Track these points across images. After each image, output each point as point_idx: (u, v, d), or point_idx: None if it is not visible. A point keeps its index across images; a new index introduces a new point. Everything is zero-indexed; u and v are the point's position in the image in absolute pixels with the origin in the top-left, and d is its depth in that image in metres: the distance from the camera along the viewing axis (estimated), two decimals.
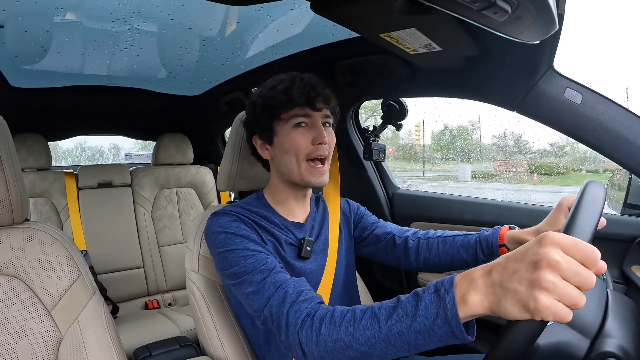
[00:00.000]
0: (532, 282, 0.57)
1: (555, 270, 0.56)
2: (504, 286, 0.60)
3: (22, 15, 1.43)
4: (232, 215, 1.13)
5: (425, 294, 0.70)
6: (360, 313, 0.79)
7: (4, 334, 0.94)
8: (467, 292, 0.64)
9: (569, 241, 0.57)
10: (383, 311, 0.75)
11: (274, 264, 1.02)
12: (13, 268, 0.97)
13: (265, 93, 1.15)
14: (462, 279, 0.67)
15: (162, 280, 2.65)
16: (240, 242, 1.06)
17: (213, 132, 3.03)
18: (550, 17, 0.84)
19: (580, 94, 1.19)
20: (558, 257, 0.56)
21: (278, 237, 1.16)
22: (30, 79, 2.21)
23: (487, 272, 0.64)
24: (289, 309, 0.90)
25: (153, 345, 1.54)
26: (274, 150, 1.17)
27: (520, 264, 0.60)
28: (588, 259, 0.56)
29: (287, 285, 0.95)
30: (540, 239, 0.59)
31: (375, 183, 1.92)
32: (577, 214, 0.71)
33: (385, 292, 1.85)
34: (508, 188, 5.76)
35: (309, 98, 1.10)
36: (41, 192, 2.47)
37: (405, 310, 0.71)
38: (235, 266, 1.04)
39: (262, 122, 1.16)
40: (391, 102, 1.73)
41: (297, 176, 1.14)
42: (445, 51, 1.21)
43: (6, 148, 0.96)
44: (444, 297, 0.66)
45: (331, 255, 1.27)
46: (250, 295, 0.99)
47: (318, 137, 1.12)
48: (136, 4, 1.38)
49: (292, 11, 1.43)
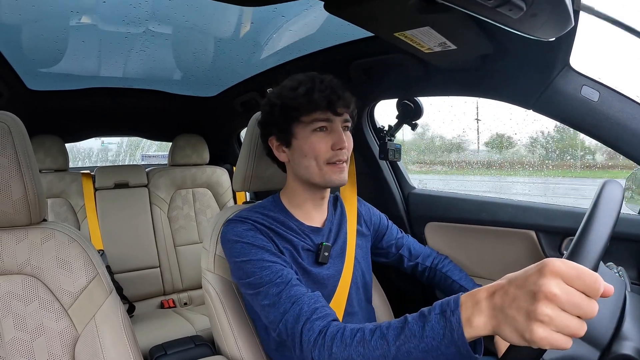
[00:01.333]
0: (528, 313, 0.56)
1: (553, 303, 0.55)
2: (504, 312, 0.60)
3: (38, 19, 1.44)
4: (248, 224, 1.12)
5: (431, 314, 0.72)
6: (370, 333, 0.81)
7: (21, 332, 0.95)
8: (472, 314, 0.65)
9: (571, 272, 0.56)
10: (391, 331, 0.77)
11: (290, 277, 1.02)
12: (31, 267, 0.98)
13: (284, 94, 1.13)
14: (467, 299, 0.67)
15: (178, 279, 2.67)
16: (256, 253, 1.07)
17: (228, 132, 3.04)
18: (565, 13, 0.83)
19: (597, 91, 1.17)
20: (556, 290, 0.55)
21: (295, 244, 1.16)
22: (46, 82, 2.23)
23: (491, 294, 0.64)
24: (303, 327, 0.92)
25: (168, 344, 1.56)
26: (291, 153, 1.16)
27: (520, 291, 0.59)
28: (590, 290, 0.55)
29: (302, 301, 0.96)
30: (542, 267, 0.57)
31: (391, 183, 1.91)
32: (585, 236, 0.69)
33: (401, 294, 1.84)
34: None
35: (330, 102, 1.09)
36: (59, 193, 2.51)
37: (412, 330, 0.73)
38: (252, 277, 1.04)
39: (280, 123, 1.14)
40: (406, 101, 1.72)
41: (318, 178, 1.13)
42: (460, 49, 1.19)
43: (24, 149, 0.97)
44: (450, 319, 0.67)
45: (348, 259, 1.27)
46: (265, 307, 1.01)
47: (338, 142, 1.11)
48: (150, 6, 1.39)
49: (306, 11, 1.43)
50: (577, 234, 0.71)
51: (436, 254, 1.53)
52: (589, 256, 0.65)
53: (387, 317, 1.50)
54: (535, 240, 1.45)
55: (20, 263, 0.98)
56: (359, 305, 1.28)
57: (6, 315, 0.95)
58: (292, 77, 1.17)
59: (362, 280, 1.31)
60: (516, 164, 5.00)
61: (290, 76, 1.18)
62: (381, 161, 1.89)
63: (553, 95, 1.22)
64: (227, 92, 2.61)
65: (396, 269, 1.54)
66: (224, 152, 3.15)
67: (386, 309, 1.51)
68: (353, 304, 1.26)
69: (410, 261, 1.47)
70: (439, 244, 1.71)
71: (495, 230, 1.55)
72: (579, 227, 0.72)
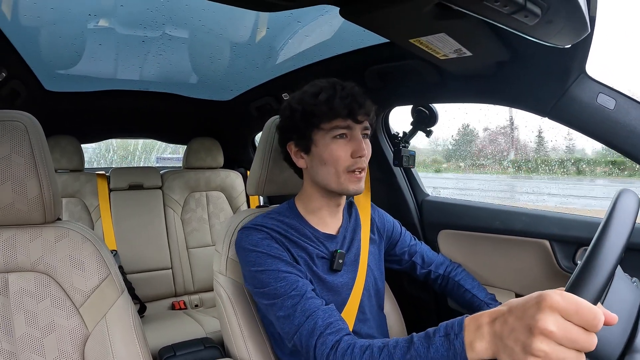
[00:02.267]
0: (525, 346, 0.57)
1: (549, 338, 0.55)
2: (503, 341, 0.61)
3: (56, 21, 1.47)
4: (263, 232, 1.13)
5: (436, 337, 0.74)
6: (378, 351, 0.84)
7: (32, 329, 0.96)
8: (474, 338, 0.66)
9: (569, 307, 0.55)
10: (398, 350, 0.80)
11: (305, 288, 1.03)
12: (44, 265, 1.00)
13: (306, 100, 1.12)
14: (470, 322, 0.69)
15: (190, 281, 2.68)
16: (271, 263, 1.07)
17: (243, 136, 3.06)
18: (581, 19, 0.82)
19: (613, 99, 1.16)
20: (552, 327, 0.54)
21: (310, 252, 1.16)
22: (64, 83, 2.26)
23: (492, 320, 0.65)
24: (317, 341, 0.94)
25: (178, 345, 1.56)
26: (310, 160, 1.15)
27: (518, 323, 0.59)
28: (589, 325, 0.54)
29: (317, 315, 0.98)
30: (540, 300, 0.57)
31: (405, 190, 1.90)
32: (609, 225, 0.68)
33: (413, 301, 1.83)
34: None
35: (351, 110, 1.08)
36: (73, 193, 2.54)
37: (418, 351, 0.76)
38: (267, 287, 1.05)
39: (300, 129, 1.13)
40: (421, 107, 1.72)
41: (336, 185, 1.13)
42: (475, 56, 1.19)
43: (40, 149, 0.99)
44: (454, 342, 0.69)
45: (362, 266, 1.26)
46: (280, 318, 1.02)
47: (358, 150, 1.10)
48: (167, 10, 1.40)
49: (322, 17, 1.44)
50: (584, 258, 0.69)
51: (449, 262, 1.52)
52: (591, 289, 0.63)
53: (398, 324, 1.49)
54: (549, 250, 1.43)
55: (33, 261, 0.99)
56: (370, 312, 1.27)
57: (18, 312, 0.97)
58: (313, 82, 1.16)
59: (375, 287, 1.31)
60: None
61: (312, 81, 1.17)
62: (395, 168, 1.89)
63: (569, 103, 1.21)
64: (243, 96, 2.63)
65: (408, 276, 1.53)
66: (238, 156, 3.16)
67: (397, 316, 1.51)
68: (365, 311, 1.25)
69: (423, 269, 1.47)
70: (452, 252, 1.70)
71: (509, 239, 1.54)
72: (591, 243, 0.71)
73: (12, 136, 0.95)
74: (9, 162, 0.94)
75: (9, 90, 1.89)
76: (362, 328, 1.23)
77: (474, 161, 6.01)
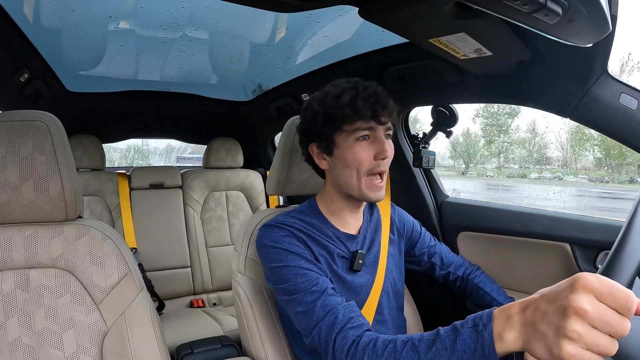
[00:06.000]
0: (558, 328, 0.55)
1: (582, 319, 0.53)
2: (534, 327, 0.59)
3: (77, 23, 1.50)
4: (285, 230, 1.13)
5: (463, 328, 0.72)
6: (401, 344, 0.81)
7: (52, 324, 0.98)
8: (504, 329, 0.64)
9: (603, 288, 0.54)
10: (423, 344, 0.78)
11: (325, 286, 1.02)
12: (65, 262, 1.01)
13: (327, 102, 1.10)
14: (500, 314, 0.67)
15: (209, 280, 2.70)
16: (292, 259, 1.07)
17: (263, 137, 3.07)
18: (602, 18, 0.81)
19: (635, 99, 1.13)
20: (587, 306, 0.53)
21: (331, 251, 1.16)
22: (85, 84, 2.30)
23: (523, 309, 0.63)
24: (337, 335, 0.92)
25: (195, 342, 1.57)
26: (332, 162, 1.14)
27: (551, 306, 0.58)
28: (622, 308, 0.53)
29: (337, 310, 0.96)
30: (573, 281, 0.56)
31: (424, 191, 1.89)
32: (620, 251, 0.67)
33: (432, 303, 1.81)
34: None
35: (374, 111, 1.06)
36: (95, 191, 2.57)
37: (444, 343, 0.74)
38: (286, 283, 1.05)
39: (323, 132, 1.11)
40: (441, 108, 1.70)
41: (356, 190, 1.12)
42: (495, 56, 1.17)
43: (62, 148, 1.00)
44: (482, 333, 0.67)
45: (381, 267, 1.26)
46: (299, 314, 1.01)
47: (381, 152, 1.08)
48: (187, 12, 1.42)
49: (341, 17, 1.44)
50: (612, 248, 0.69)
51: (468, 264, 1.50)
52: (624, 272, 0.62)
53: (416, 326, 1.48)
54: (569, 253, 1.41)
55: (54, 257, 1.01)
56: (389, 313, 1.27)
57: (38, 307, 0.99)
58: (334, 82, 1.14)
59: (394, 288, 1.30)
60: None
61: (332, 81, 1.15)
62: (415, 169, 1.87)
63: (590, 103, 1.18)
64: (262, 96, 2.64)
65: (427, 278, 1.52)
66: (258, 156, 3.18)
67: (415, 318, 1.49)
68: (383, 312, 1.24)
69: (442, 270, 1.45)
70: (471, 254, 1.68)
71: (529, 242, 1.51)
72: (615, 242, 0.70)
73: (34, 136, 0.97)
74: (31, 160, 0.96)
75: (31, 90, 1.93)
76: (380, 329, 1.22)
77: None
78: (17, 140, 0.96)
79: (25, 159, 0.96)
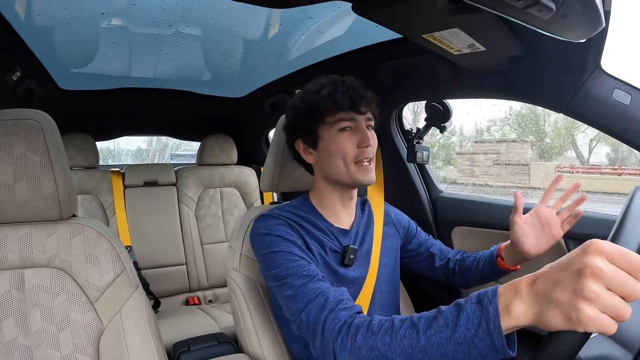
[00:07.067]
0: (575, 291, 0.55)
1: (599, 279, 0.54)
2: (547, 296, 0.59)
3: (69, 21, 1.49)
4: (280, 219, 1.14)
5: (467, 304, 0.69)
6: (399, 322, 0.77)
7: (48, 323, 0.98)
8: (512, 302, 0.63)
9: (614, 250, 0.55)
10: (422, 321, 0.74)
11: (316, 272, 1.02)
12: (59, 261, 1.01)
13: (308, 97, 1.15)
14: (506, 289, 0.65)
15: (204, 277, 2.70)
16: (285, 245, 1.08)
17: (257, 133, 3.07)
18: (596, 14, 0.81)
19: (629, 94, 1.14)
20: (602, 265, 0.54)
21: (324, 244, 1.17)
22: (78, 82, 2.29)
23: (532, 282, 0.62)
24: (328, 316, 0.89)
25: (192, 340, 1.57)
26: (319, 155, 1.18)
27: (563, 273, 0.58)
28: (634, 269, 0.54)
29: (328, 292, 0.95)
30: (586, 246, 0.57)
31: (419, 186, 1.89)
32: (625, 221, 0.68)
33: (427, 298, 1.82)
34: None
35: (353, 102, 1.10)
36: (89, 190, 2.56)
37: (446, 320, 0.70)
38: (277, 268, 1.05)
39: (306, 126, 1.16)
40: (435, 103, 1.70)
41: (346, 177, 1.14)
42: (489, 51, 1.18)
43: (55, 147, 1.00)
44: (487, 307, 0.65)
45: (373, 262, 1.26)
46: (289, 298, 1.00)
47: (363, 140, 1.12)
48: (180, 8, 1.41)
49: (334, 13, 1.43)
50: (618, 219, 0.70)
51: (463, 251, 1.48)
52: (631, 239, 0.64)
53: None
54: (563, 247, 1.42)
55: (49, 256, 1.01)
56: (382, 309, 1.27)
57: (34, 307, 0.98)
58: (314, 80, 1.19)
59: (388, 284, 1.30)
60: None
61: (312, 80, 1.20)
62: (409, 164, 1.87)
63: (584, 98, 1.19)
64: (256, 93, 2.64)
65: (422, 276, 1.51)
66: (252, 153, 3.18)
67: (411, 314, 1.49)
68: (376, 308, 1.25)
69: (441, 260, 1.41)
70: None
71: None
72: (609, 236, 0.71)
73: (27, 134, 0.96)
74: (24, 160, 0.96)
75: (24, 89, 1.91)
76: None
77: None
78: (10, 140, 0.95)
79: (18, 158, 0.95)
